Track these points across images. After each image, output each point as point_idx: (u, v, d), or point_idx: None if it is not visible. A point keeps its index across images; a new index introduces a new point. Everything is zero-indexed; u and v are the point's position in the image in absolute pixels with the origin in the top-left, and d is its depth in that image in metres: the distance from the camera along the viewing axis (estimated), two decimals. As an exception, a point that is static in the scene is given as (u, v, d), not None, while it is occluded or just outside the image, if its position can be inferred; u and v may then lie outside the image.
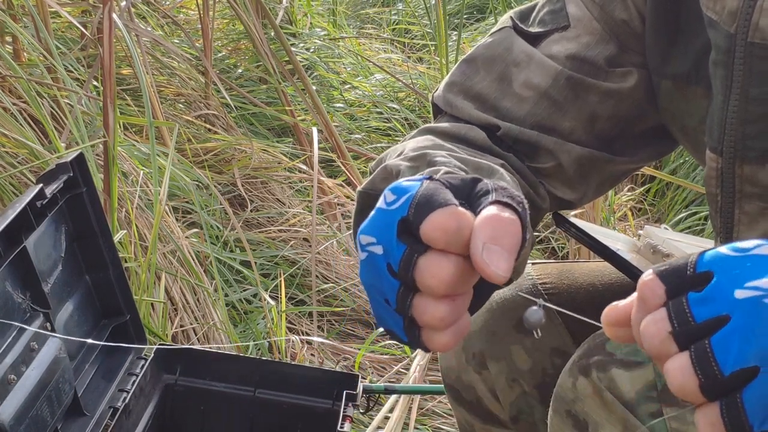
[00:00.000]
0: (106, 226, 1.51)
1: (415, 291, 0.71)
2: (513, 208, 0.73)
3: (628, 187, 3.45)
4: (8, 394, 1.26)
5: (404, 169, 0.93)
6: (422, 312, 0.71)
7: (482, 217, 0.71)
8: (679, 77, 1.03)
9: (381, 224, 0.73)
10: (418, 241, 0.71)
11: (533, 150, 1.07)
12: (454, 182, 0.75)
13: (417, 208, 0.71)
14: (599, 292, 1.18)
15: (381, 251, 0.72)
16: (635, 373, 0.89)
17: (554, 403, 0.95)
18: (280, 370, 1.64)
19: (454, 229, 0.70)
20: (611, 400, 0.89)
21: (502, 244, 0.69)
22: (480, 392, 1.21)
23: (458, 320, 0.72)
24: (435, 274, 0.70)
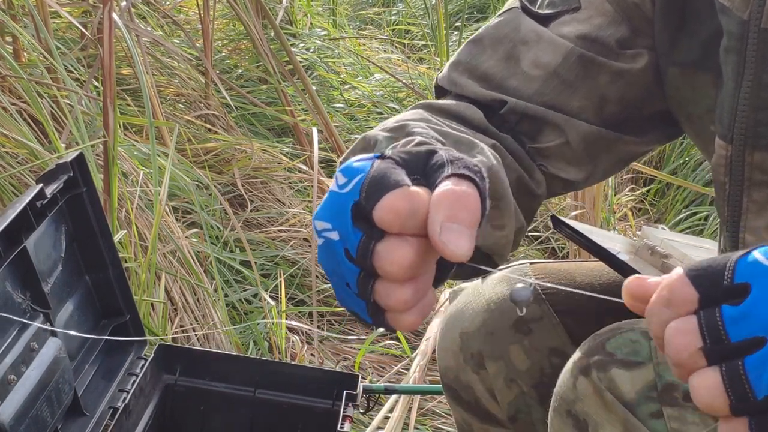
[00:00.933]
0: (106, 226, 1.51)
1: (376, 276, 0.69)
2: (470, 180, 0.70)
3: (628, 188, 3.45)
4: (8, 394, 1.26)
5: (382, 139, 0.91)
6: (385, 297, 0.70)
7: (437, 194, 0.68)
8: (687, 64, 1.02)
9: (335, 209, 0.71)
10: (374, 225, 0.69)
11: (539, 127, 1.05)
12: (407, 158, 0.73)
13: (368, 191, 0.69)
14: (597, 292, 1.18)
15: (337, 237, 0.70)
16: (635, 373, 0.89)
17: (554, 403, 0.95)
18: (280, 370, 1.64)
19: (407, 212, 0.68)
20: (611, 400, 0.89)
21: (461, 220, 0.67)
22: (478, 392, 1.21)
23: (423, 299, 0.71)
24: (394, 260, 0.68)
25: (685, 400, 0.87)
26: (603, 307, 1.15)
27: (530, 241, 3.03)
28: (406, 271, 0.68)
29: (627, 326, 0.92)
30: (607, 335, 0.92)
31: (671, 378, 0.88)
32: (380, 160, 0.72)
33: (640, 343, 0.90)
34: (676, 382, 0.88)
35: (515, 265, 1.24)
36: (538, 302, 1.17)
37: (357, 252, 0.69)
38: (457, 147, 0.89)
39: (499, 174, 0.92)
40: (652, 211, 3.35)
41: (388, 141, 0.90)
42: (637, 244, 1.13)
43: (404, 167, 0.72)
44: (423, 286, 0.71)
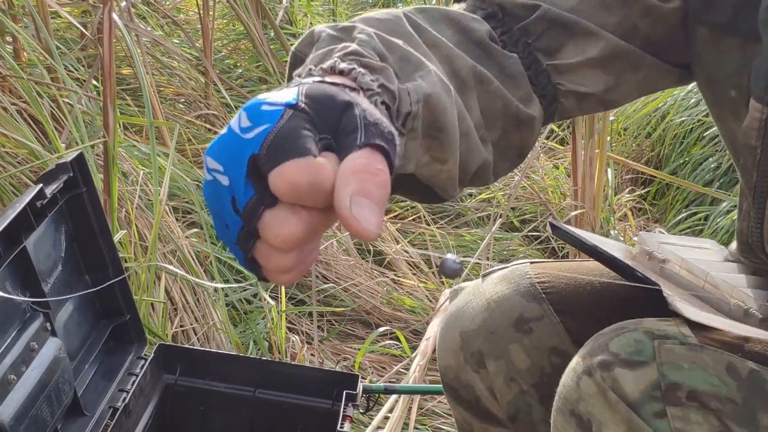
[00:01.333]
0: (106, 226, 1.51)
1: (258, 237, 0.66)
2: (383, 150, 0.66)
3: (628, 188, 3.45)
4: (8, 394, 1.26)
5: (325, 37, 0.84)
6: (266, 259, 0.67)
7: (347, 166, 0.65)
8: (717, 26, 1.01)
9: (231, 153, 0.66)
10: (267, 188, 0.65)
11: (563, 41, 1.01)
12: (320, 110, 0.68)
13: (269, 150, 0.65)
14: (597, 291, 1.18)
15: (227, 183, 0.66)
16: (639, 372, 0.89)
17: (557, 402, 0.95)
18: (280, 370, 1.64)
19: (306, 185, 0.64)
20: (615, 400, 0.89)
21: (371, 196, 0.64)
22: (478, 391, 1.21)
23: (304, 261, 0.67)
24: (280, 234, 0.65)
25: (689, 400, 0.87)
26: (604, 307, 1.16)
27: (530, 241, 3.03)
28: (291, 245, 0.65)
29: (631, 326, 0.92)
30: (611, 335, 0.92)
31: (675, 378, 0.88)
32: (291, 111, 0.67)
33: (643, 343, 0.90)
34: (680, 381, 0.87)
35: (515, 264, 1.24)
36: (539, 301, 1.17)
37: (244, 210, 0.66)
38: (401, 64, 0.83)
39: (441, 103, 0.84)
40: (652, 211, 3.35)
41: (330, 40, 0.83)
42: (634, 251, 1.13)
43: (314, 124, 0.67)
44: (308, 251, 0.67)
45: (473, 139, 0.92)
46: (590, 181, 2.76)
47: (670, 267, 1.08)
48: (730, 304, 1.00)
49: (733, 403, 0.86)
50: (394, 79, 0.80)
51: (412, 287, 2.62)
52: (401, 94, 0.80)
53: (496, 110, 0.95)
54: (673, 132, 3.51)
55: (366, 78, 0.76)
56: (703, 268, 1.05)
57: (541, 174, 3.31)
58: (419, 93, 0.82)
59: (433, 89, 0.83)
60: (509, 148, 0.99)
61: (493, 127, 0.96)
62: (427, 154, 0.86)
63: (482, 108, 0.94)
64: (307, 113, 0.67)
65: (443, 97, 0.84)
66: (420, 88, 0.82)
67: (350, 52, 0.79)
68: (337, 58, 0.78)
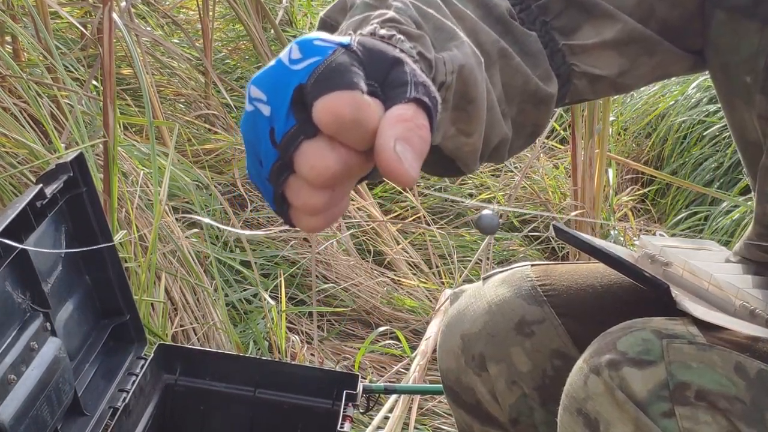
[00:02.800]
0: (106, 226, 1.51)
1: (293, 170, 0.65)
2: (427, 109, 0.66)
3: (629, 188, 3.45)
4: (8, 394, 1.26)
5: (360, 4, 0.83)
6: (295, 195, 0.65)
7: (396, 113, 0.64)
8: (736, 9, 1.01)
9: (276, 82, 0.65)
10: (310, 118, 0.63)
11: (580, 22, 1.00)
12: (370, 58, 0.67)
13: (318, 79, 0.64)
14: (599, 293, 1.18)
15: (268, 113, 0.65)
16: (647, 372, 0.88)
17: (564, 401, 0.94)
18: (280, 370, 1.64)
19: (349, 118, 0.62)
20: (623, 399, 0.89)
21: (413, 146, 0.63)
22: (479, 394, 1.21)
23: (334, 207, 0.66)
24: (315, 165, 0.63)
25: (698, 399, 0.87)
26: (605, 309, 1.15)
27: (530, 242, 3.03)
28: (325, 180, 0.64)
29: (639, 325, 0.92)
30: (618, 334, 0.92)
31: (683, 377, 0.87)
32: (343, 50, 0.66)
33: (651, 342, 0.89)
34: (688, 381, 0.87)
35: (516, 267, 1.24)
36: (540, 304, 1.17)
37: (282, 140, 0.64)
38: (436, 34, 0.82)
39: (473, 75, 0.84)
40: (653, 211, 3.35)
41: (365, 8, 0.82)
42: (636, 254, 1.12)
43: (364, 68, 0.66)
44: (339, 196, 0.66)
45: (496, 114, 0.91)
46: (590, 181, 2.76)
47: (673, 270, 1.07)
48: (735, 305, 1.00)
49: (741, 403, 0.86)
50: (431, 48, 0.80)
51: (412, 287, 2.62)
52: (437, 64, 0.80)
53: (517, 86, 0.94)
54: (673, 132, 3.51)
55: (405, 45, 0.76)
56: (706, 269, 1.04)
57: (541, 174, 3.31)
58: (454, 63, 0.81)
59: (466, 60, 0.82)
60: (525, 125, 0.97)
61: (512, 102, 0.94)
62: (454, 126, 0.85)
63: (504, 83, 0.92)
64: (359, 56, 0.67)
65: (476, 69, 0.84)
66: (456, 59, 0.81)
67: (388, 19, 0.78)
68: (377, 24, 0.76)
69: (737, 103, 1.04)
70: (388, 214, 3.02)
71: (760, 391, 0.87)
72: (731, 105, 1.05)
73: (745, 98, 1.02)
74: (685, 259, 1.07)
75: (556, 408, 0.96)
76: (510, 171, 3.33)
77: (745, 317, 0.98)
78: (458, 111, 0.84)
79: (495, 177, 3.34)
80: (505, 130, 0.93)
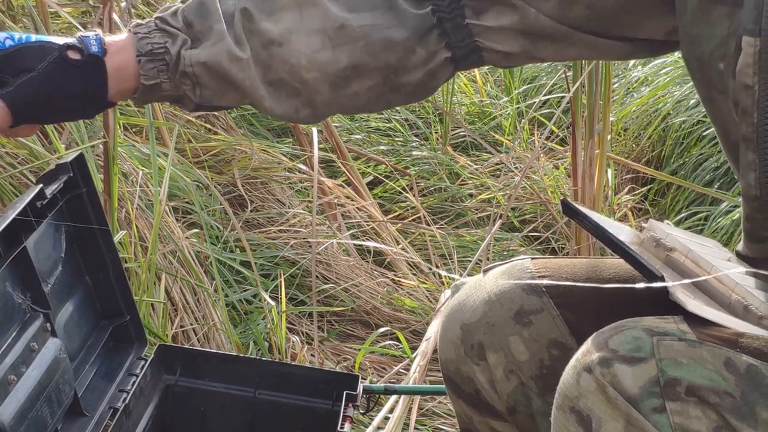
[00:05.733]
0: (106, 227, 1.51)
1: None
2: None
3: (628, 188, 3.45)
4: (8, 395, 1.26)
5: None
6: None
7: None
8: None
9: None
10: None
11: (489, 4, 1.14)
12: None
13: None
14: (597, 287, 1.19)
15: None
16: (638, 368, 0.90)
17: (557, 400, 0.95)
18: (280, 370, 1.64)
19: None
20: (614, 396, 0.90)
21: None
22: (478, 384, 1.22)
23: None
24: None
25: (688, 395, 0.88)
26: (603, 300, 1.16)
27: (530, 241, 3.03)
28: None
29: (630, 324, 0.93)
30: (610, 333, 0.93)
31: (674, 373, 0.89)
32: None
33: (642, 340, 0.91)
34: (678, 377, 0.88)
35: (516, 260, 1.25)
36: (539, 294, 1.19)
37: None
38: (204, 31, 1.12)
39: (221, 66, 1.13)
40: (652, 211, 3.35)
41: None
42: (642, 236, 1.13)
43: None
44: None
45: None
46: (590, 181, 2.76)
47: (676, 256, 1.08)
48: (730, 299, 1.01)
49: (731, 398, 0.87)
50: (180, 44, 1.11)
51: (412, 288, 2.62)
52: (182, 58, 1.11)
53: (378, 67, 1.15)
54: (673, 132, 3.51)
55: (144, 41, 1.11)
56: (709, 260, 1.05)
57: (541, 174, 3.32)
58: (193, 59, 1.12)
59: (210, 57, 1.12)
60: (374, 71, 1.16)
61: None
62: (224, 96, 1.15)
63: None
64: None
65: (224, 62, 1.12)
66: (197, 56, 1.12)
67: (158, 17, 1.12)
68: (148, 20, 1.12)
69: (716, 96, 1.05)
70: (388, 214, 3.02)
71: (750, 386, 0.88)
72: (711, 100, 1.07)
73: (721, 87, 1.03)
74: (689, 247, 1.07)
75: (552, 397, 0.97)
76: (510, 171, 3.33)
77: (739, 312, 0.99)
78: (225, 87, 1.14)
79: (495, 177, 3.35)
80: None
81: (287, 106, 1.17)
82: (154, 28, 1.13)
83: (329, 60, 1.14)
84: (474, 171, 3.33)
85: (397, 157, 3.37)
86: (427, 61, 1.17)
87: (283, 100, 1.16)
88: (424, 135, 3.59)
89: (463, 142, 3.60)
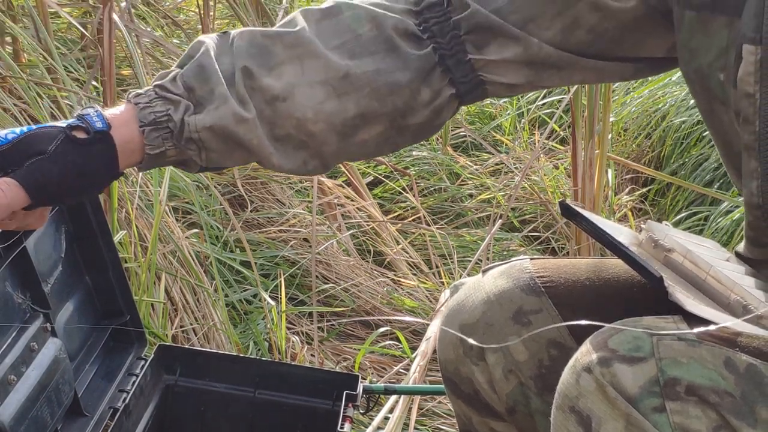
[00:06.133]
0: (106, 227, 1.51)
1: None
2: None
3: (628, 188, 3.45)
4: (8, 395, 1.26)
5: (185, 56, 1.13)
6: None
7: None
8: (703, 6, 1.03)
9: None
10: None
11: (491, 37, 1.14)
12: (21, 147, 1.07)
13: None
14: (596, 287, 1.19)
15: None
16: (638, 368, 0.90)
17: (557, 400, 0.95)
18: (280, 370, 1.64)
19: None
20: (614, 396, 0.90)
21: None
22: (477, 384, 1.23)
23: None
24: None
25: (688, 394, 0.88)
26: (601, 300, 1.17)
27: (530, 242, 3.03)
28: None
29: (629, 323, 0.93)
30: (610, 332, 0.93)
31: (674, 373, 0.89)
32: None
33: (642, 339, 0.91)
34: (678, 376, 0.88)
35: (516, 260, 1.25)
36: (538, 295, 1.19)
37: None
38: (206, 95, 1.10)
39: (227, 128, 1.11)
40: (653, 211, 3.35)
41: (185, 58, 1.13)
42: (641, 237, 1.13)
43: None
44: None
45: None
46: (590, 181, 2.76)
47: (674, 257, 1.08)
48: (729, 299, 1.01)
49: (731, 397, 0.87)
50: (182, 111, 1.10)
51: (412, 287, 2.62)
52: (186, 125, 1.10)
53: (386, 113, 1.14)
54: (673, 132, 3.52)
55: (145, 111, 1.10)
56: (708, 261, 1.05)
57: (541, 174, 3.32)
58: (198, 125, 1.10)
59: (214, 122, 1.10)
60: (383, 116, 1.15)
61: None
62: (230, 157, 1.14)
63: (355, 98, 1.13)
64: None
65: (231, 124, 1.10)
66: (202, 121, 1.10)
67: (157, 85, 1.10)
68: (147, 89, 1.11)
69: (717, 107, 1.05)
70: (388, 214, 3.02)
71: (749, 385, 0.88)
72: (712, 113, 1.07)
73: (722, 98, 1.03)
74: (688, 248, 1.07)
75: (552, 397, 0.97)
76: (510, 171, 3.33)
77: (738, 312, 0.99)
78: (232, 148, 1.12)
79: (495, 177, 3.35)
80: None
81: (295, 160, 1.15)
82: (155, 96, 1.10)
83: (336, 110, 1.12)
84: (474, 171, 3.33)
85: (397, 157, 3.37)
86: (433, 99, 1.16)
87: (290, 155, 1.14)
88: (424, 135, 3.58)
89: (463, 143, 3.61)
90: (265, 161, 1.14)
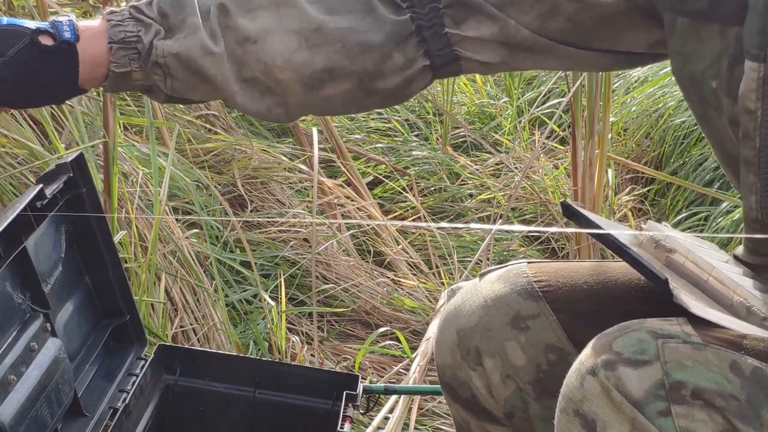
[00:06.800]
0: (106, 227, 1.51)
1: None
2: None
3: (628, 188, 3.45)
4: (8, 395, 1.26)
5: None
6: None
7: None
8: (697, 14, 1.03)
9: None
10: None
11: (469, 13, 1.14)
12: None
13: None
14: (595, 291, 1.19)
15: None
16: (643, 371, 0.89)
17: (561, 402, 0.95)
18: (280, 370, 1.64)
19: None
20: (619, 399, 0.89)
21: None
22: (475, 389, 1.22)
23: None
24: None
25: (694, 398, 0.87)
26: (600, 304, 1.16)
27: (530, 241, 3.03)
28: None
29: (634, 326, 0.92)
30: (614, 335, 0.92)
31: (679, 376, 0.88)
32: None
33: (647, 342, 0.90)
34: (684, 380, 0.88)
35: (513, 264, 1.25)
36: (535, 299, 1.18)
37: None
38: (178, 24, 1.11)
39: (193, 59, 1.13)
40: (653, 211, 3.35)
41: None
42: (642, 238, 1.12)
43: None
44: None
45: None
46: (590, 181, 2.76)
47: (676, 258, 1.07)
48: (732, 300, 1.00)
49: (737, 401, 0.87)
50: (153, 35, 1.12)
51: (412, 288, 2.62)
52: (155, 48, 1.11)
53: (355, 72, 1.16)
54: (673, 132, 3.51)
55: (116, 28, 1.12)
56: (710, 262, 1.05)
57: (541, 174, 3.32)
58: (166, 51, 1.12)
59: (180, 49, 1.12)
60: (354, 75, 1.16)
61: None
62: (195, 89, 1.15)
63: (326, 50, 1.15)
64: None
65: (198, 56, 1.12)
66: (170, 47, 1.12)
67: (133, 6, 1.12)
68: (129, 7, 1.12)
69: (710, 113, 1.05)
70: (388, 214, 3.02)
71: (755, 389, 0.87)
72: (706, 118, 1.07)
73: (715, 104, 1.03)
74: (689, 248, 1.07)
75: (550, 402, 0.96)
76: (510, 171, 3.33)
77: (742, 314, 0.99)
78: (197, 80, 1.14)
79: (495, 177, 3.35)
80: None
81: (260, 104, 1.17)
82: (128, 16, 1.13)
83: (305, 61, 1.14)
84: (474, 171, 3.33)
85: (397, 157, 3.37)
86: (405, 67, 1.17)
87: (256, 98, 1.16)
88: (424, 135, 3.59)
89: (464, 142, 3.61)
90: (229, 99, 1.16)
